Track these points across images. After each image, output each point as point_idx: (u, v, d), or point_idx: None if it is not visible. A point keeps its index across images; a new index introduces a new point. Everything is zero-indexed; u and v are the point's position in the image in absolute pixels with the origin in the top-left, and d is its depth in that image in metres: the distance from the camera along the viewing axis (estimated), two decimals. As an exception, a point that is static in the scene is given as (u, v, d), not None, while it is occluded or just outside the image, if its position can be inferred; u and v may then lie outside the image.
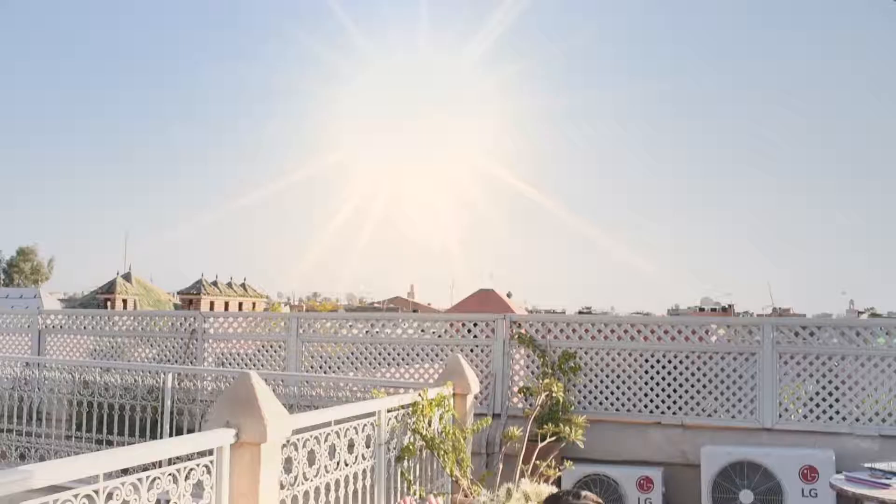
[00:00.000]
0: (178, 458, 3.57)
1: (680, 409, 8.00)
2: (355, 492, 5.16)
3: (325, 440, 4.74)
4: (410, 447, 5.88)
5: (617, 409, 8.16)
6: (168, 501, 3.39)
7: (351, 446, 5.12)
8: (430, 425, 6.14)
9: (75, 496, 2.90)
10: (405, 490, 5.95)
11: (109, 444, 8.31)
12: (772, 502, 7.03)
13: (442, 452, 6.04)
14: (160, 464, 3.44)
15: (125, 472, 3.25)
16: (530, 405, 7.50)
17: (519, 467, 5.33)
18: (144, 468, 3.30)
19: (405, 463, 5.92)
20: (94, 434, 8.65)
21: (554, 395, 6.16)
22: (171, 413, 8.62)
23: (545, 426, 5.90)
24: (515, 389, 8.51)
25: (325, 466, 4.75)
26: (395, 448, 5.78)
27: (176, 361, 10.20)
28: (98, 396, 8.88)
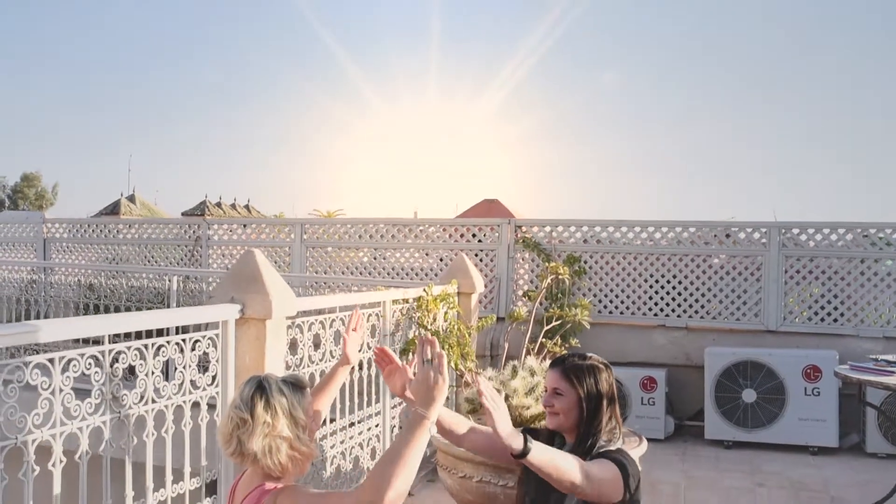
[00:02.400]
0: (184, 328, 3.57)
1: (684, 311, 8.01)
2: (360, 380, 5.20)
3: (331, 325, 4.74)
4: (416, 340, 5.89)
5: (622, 313, 8.18)
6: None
7: (356, 335, 5.12)
8: (434, 321, 6.15)
9: (81, 356, 2.90)
10: (410, 383, 5.99)
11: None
12: (774, 401, 7.08)
13: (447, 347, 6.06)
14: (167, 336, 3.42)
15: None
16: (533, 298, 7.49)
17: (525, 346, 5.34)
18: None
19: (410, 356, 5.94)
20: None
21: (560, 277, 6.12)
22: (177, 316, 8.64)
23: (550, 309, 5.89)
24: (520, 293, 8.52)
25: (331, 352, 4.76)
26: (399, 341, 5.81)
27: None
28: (104, 300, 8.90)
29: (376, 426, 5.47)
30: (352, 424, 5.11)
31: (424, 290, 6.05)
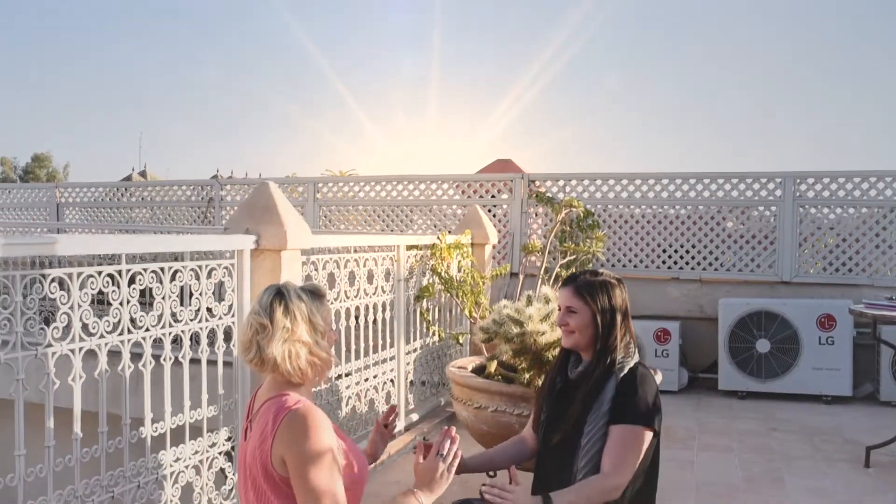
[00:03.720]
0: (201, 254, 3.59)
1: (698, 264, 7.98)
2: (375, 322, 5.21)
3: (345, 266, 4.76)
4: (429, 287, 5.91)
5: (635, 266, 8.16)
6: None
7: (370, 277, 5.14)
8: (448, 269, 6.16)
9: (98, 273, 2.92)
10: (424, 330, 6.02)
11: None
12: (788, 351, 7.07)
13: (461, 294, 6.07)
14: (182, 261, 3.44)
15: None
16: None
17: (540, 277, 5.35)
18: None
19: (424, 303, 5.97)
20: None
21: (574, 209, 6.09)
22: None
23: (564, 244, 5.88)
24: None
25: (346, 292, 4.78)
26: (414, 287, 5.82)
27: (194, 230, 10.22)
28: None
29: (391, 370, 5.50)
30: (366, 367, 5.13)
31: (438, 237, 6.06)
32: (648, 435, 2.73)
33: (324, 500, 2.13)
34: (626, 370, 2.82)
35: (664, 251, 8.10)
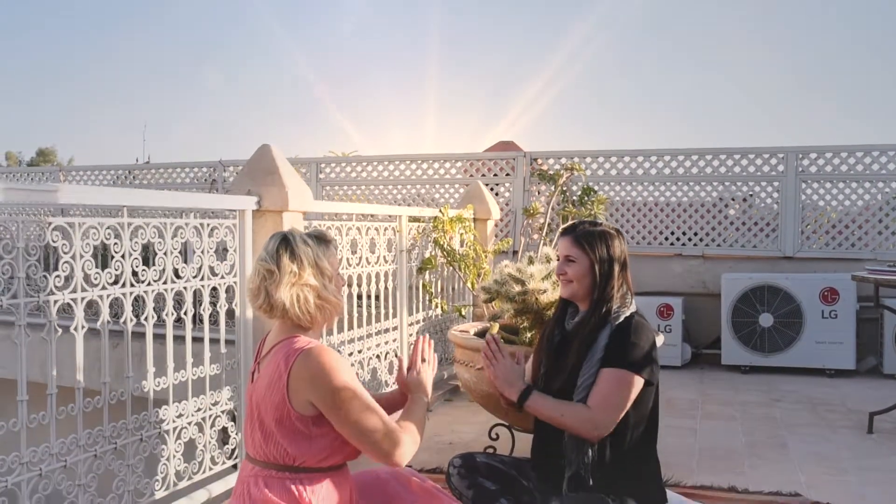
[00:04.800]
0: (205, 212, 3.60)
1: (701, 240, 7.98)
2: (378, 293, 5.22)
3: (347, 233, 4.77)
4: (432, 259, 5.92)
5: (637, 243, 8.14)
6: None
7: (373, 247, 5.15)
8: (450, 241, 6.16)
9: (100, 225, 2.93)
10: (427, 302, 6.03)
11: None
12: (791, 325, 7.07)
13: (463, 266, 6.08)
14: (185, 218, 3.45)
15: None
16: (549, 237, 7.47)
17: (542, 239, 5.36)
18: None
19: (427, 276, 5.98)
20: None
21: (576, 173, 6.09)
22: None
23: (566, 210, 5.89)
24: (536, 227, 8.50)
25: (348, 259, 4.79)
26: (416, 259, 5.83)
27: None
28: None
29: (394, 341, 5.51)
30: (369, 335, 5.14)
31: (441, 210, 6.06)
32: (636, 381, 2.72)
33: (373, 433, 2.22)
34: (621, 319, 2.83)
35: (666, 227, 8.09)
